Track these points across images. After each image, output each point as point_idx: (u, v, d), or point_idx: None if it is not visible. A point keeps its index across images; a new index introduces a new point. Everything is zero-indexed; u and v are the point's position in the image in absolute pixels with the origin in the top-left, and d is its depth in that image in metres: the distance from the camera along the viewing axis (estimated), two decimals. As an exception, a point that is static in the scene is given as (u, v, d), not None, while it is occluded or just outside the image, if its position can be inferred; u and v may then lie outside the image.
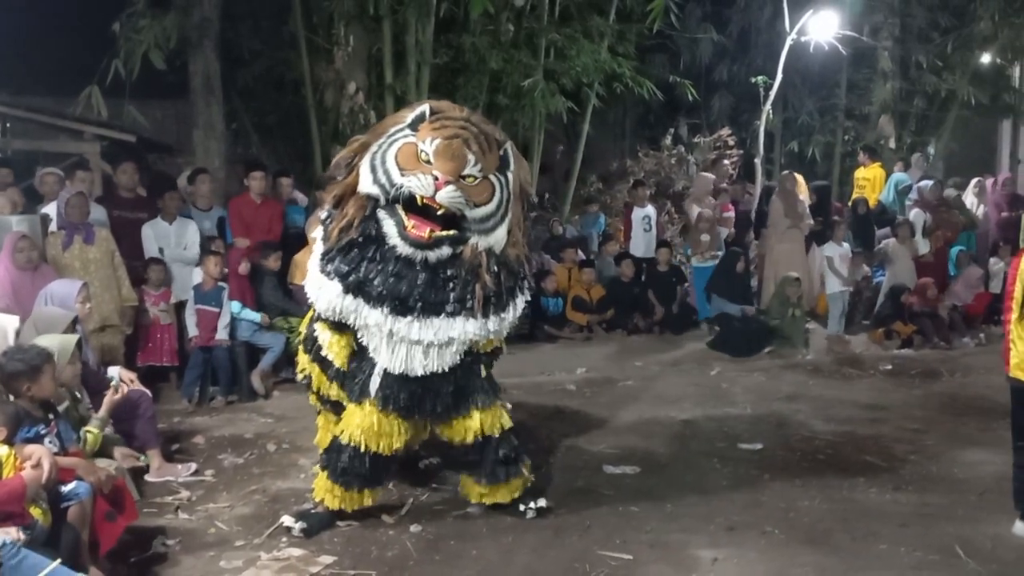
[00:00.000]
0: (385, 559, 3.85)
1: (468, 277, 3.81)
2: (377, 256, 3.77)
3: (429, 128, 3.77)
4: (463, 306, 3.81)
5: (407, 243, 3.71)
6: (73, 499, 3.25)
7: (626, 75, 10.87)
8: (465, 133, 3.75)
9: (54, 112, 9.04)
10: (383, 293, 3.74)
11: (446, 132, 3.73)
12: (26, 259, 5.42)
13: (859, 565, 3.77)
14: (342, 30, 9.24)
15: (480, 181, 3.78)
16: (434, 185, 3.63)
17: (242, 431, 5.84)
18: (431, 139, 3.71)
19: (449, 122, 3.81)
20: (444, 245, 3.75)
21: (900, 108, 13.87)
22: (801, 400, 6.63)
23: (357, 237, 3.77)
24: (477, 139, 3.77)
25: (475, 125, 3.84)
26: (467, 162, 3.71)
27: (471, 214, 3.76)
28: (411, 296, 3.75)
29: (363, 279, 3.76)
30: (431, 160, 3.69)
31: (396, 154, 3.76)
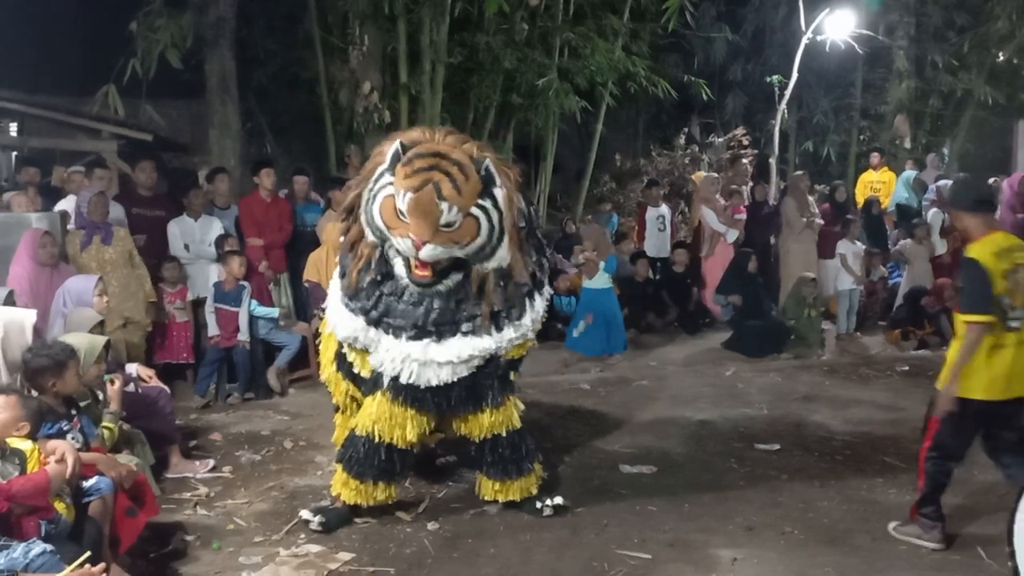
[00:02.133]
0: (403, 556, 3.85)
1: (477, 298, 3.90)
2: (394, 290, 3.92)
3: (401, 175, 3.67)
4: (475, 324, 3.92)
5: (415, 283, 3.83)
6: (95, 494, 3.26)
7: (640, 74, 10.87)
8: (436, 175, 3.62)
9: (71, 111, 9.11)
10: (402, 323, 3.89)
11: (416, 181, 3.62)
12: (49, 255, 5.45)
13: (880, 566, 3.75)
14: (357, 30, 9.28)
15: (461, 222, 3.68)
16: (414, 246, 3.64)
17: (259, 428, 5.86)
18: (403, 193, 3.64)
19: (420, 162, 3.66)
20: (451, 274, 3.83)
21: (915, 108, 13.80)
22: (818, 401, 6.60)
23: (375, 276, 3.92)
24: (450, 176, 3.64)
25: (447, 157, 3.68)
26: (440, 213, 3.61)
27: (463, 253, 3.77)
28: (428, 322, 3.88)
29: (383, 312, 3.93)
30: (405, 217, 3.66)
31: (380, 211, 3.76)
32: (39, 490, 2.89)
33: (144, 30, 7.92)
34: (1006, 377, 3.74)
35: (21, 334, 3.80)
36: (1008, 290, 3.71)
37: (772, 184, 12.26)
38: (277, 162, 9.47)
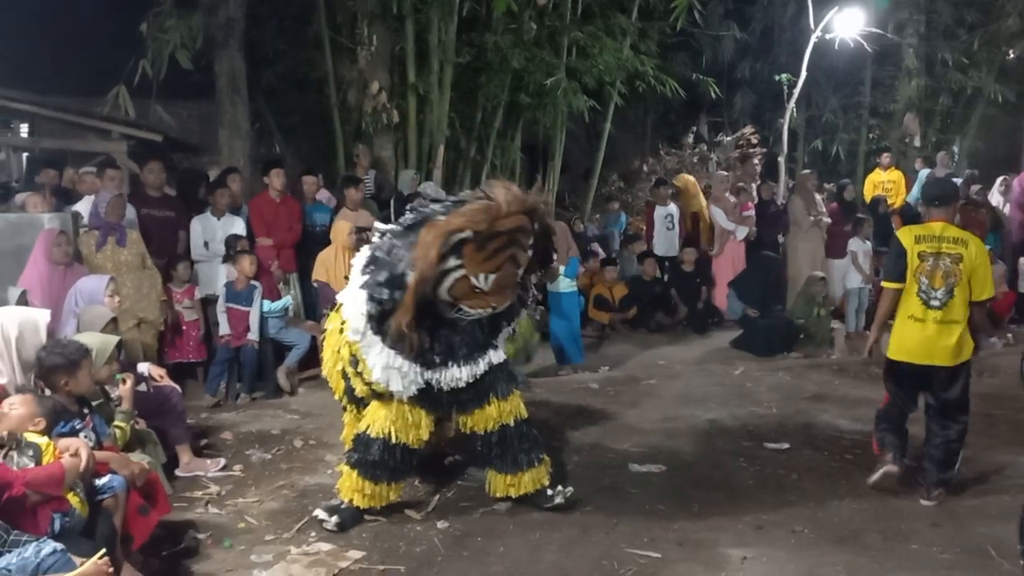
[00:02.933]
0: (413, 555, 3.86)
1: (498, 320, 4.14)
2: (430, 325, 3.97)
3: (478, 260, 3.71)
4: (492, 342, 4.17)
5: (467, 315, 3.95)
6: (108, 492, 3.28)
7: (648, 73, 10.86)
8: (514, 250, 3.79)
9: (82, 112, 9.14)
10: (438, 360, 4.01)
11: (495, 263, 3.74)
12: (63, 254, 5.48)
13: (890, 565, 3.74)
14: (365, 30, 9.28)
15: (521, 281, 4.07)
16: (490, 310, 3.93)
17: (269, 427, 5.89)
18: (484, 276, 3.76)
19: (496, 244, 3.71)
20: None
21: (925, 106, 13.73)
22: (827, 400, 6.59)
23: (429, 322, 3.94)
24: (522, 246, 3.83)
25: (517, 229, 3.74)
26: (517, 280, 3.96)
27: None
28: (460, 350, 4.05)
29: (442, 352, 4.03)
30: (486, 291, 3.81)
31: (450, 290, 3.81)
32: (54, 480, 2.92)
33: (154, 31, 7.94)
34: (928, 346, 4.41)
35: (35, 333, 3.82)
36: (927, 272, 4.39)
37: (781, 183, 12.24)
38: (286, 162, 9.50)
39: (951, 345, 4.39)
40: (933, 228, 4.48)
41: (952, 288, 4.38)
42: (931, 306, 4.39)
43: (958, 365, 4.46)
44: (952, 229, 4.47)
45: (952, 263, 4.38)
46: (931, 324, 4.40)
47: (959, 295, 4.39)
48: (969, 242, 4.42)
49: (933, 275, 4.39)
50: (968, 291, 4.40)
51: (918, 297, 4.43)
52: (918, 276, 4.42)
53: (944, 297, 4.38)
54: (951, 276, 4.37)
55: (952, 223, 4.51)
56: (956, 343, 4.40)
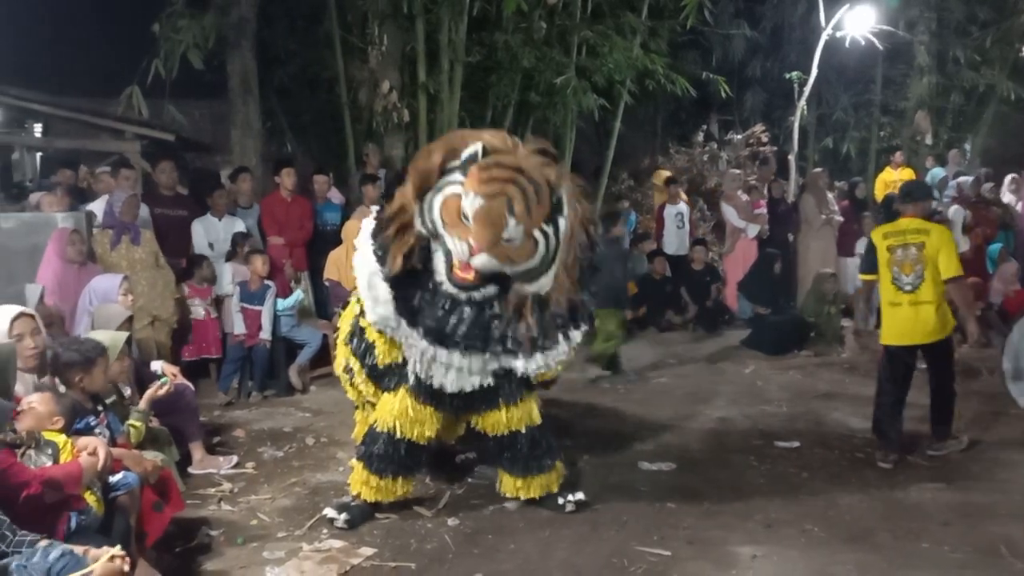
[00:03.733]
0: (424, 552, 3.89)
1: (512, 317, 3.83)
2: (430, 287, 3.79)
3: (476, 179, 3.58)
4: (506, 345, 3.84)
5: (452, 283, 3.73)
6: (122, 489, 3.31)
7: (658, 72, 10.83)
8: (511, 189, 3.55)
9: (95, 112, 9.20)
10: (431, 325, 3.78)
11: (490, 189, 3.54)
12: (77, 252, 5.53)
13: (901, 563, 3.74)
14: (376, 29, 9.31)
15: (521, 241, 3.63)
16: (469, 252, 3.58)
17: (281, 425, 5.92)
18: (473, 196, 3.55)
19: (498, 172, 3.58)
20: (489, 285, 3.76)
21: (937, 104, 13.66)
22: (838, 398, 6.58)
23: (417, 265, 3.79)
24: (524, 194, 3.56)
25: (528, 174, 3.60)
26: (505, 227, 3.56)
27: (511, 271, 3.72)
28: (456, 332, 3.78)
29: (416, 308, 3.79)
30: (469, 223, 3.58)
31: (441, 206, 3.67)
32: (72, 478, 2.95)
33: (167, 31, 7.99)
34: (909, 326, 5.03)
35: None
36: (896, 262, 5.03)
37: (791, 181, 12.21)
38: (297, 161, 9.54)
39: (927, 322, 4.98)
40: (899, 224, 5.16)
41: (921, 273, 4.98)
42: (904, 291, 5.02)
43: (940, 343, 5.04)
44: (916, 222, 5.08)
45: (917, 251, 4.98)
46: (906, 307, 5.02)
47: (928, 278, 4.97)
48: (931, 231, 5.02)
49: (902, 264, 5.02)
50: (937, 273, 4.97)
51: (893, 285, 5.07)
52: (891, 267, 5.06)
53: (915, 281, 4.99)
54: (918, 263, 4.98)
55: (921, 217, 5.13)
56: (933, 320, 4.98)
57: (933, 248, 4.97)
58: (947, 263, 4.97)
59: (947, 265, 4.97)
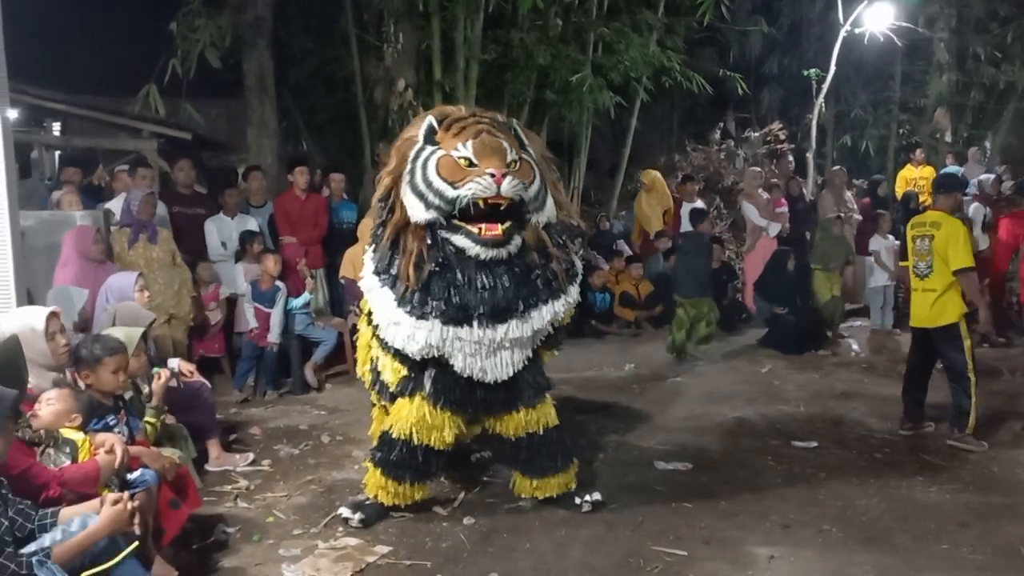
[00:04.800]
0: (440, 550, 3.88)
1: (543, 260, 3.85)
2: (462, 277, 3.73)
3: (451, 136, 3.78)
4: (551, 290, 3.86)
5: (488, 246, 3.68)
6: (140, 486, 3.32)
7: (675, 69, 10.80)
8: (484, 126, 3.80)
9: (113, 110, 9.27)
10: (482, 311, 3.72)
11: (470, 132, 3.75)
12: (99, 251, 5.57)
13: (920, 565, 3.70)
14: (392, 27, 9.32)
15: (521, 163, 3.79)
16: (495, 182, 3.60)
17: (297, 423, 5.94)
18: (463, 144, 3.70)
19: (465, 122, 3.83)
20: (515, 233, 3.77)
21: (956, 101, 13.54)
22: (856, 398, 6.53)
23: (434, 267, 3.72)
24: (497, 128, 3.85)
25: (484, 117, 3.92)
26: (506, 150, 3.73)
27: (527, 195, 3.76)
28: (510, 301, 3.75)
29: (462, 304, 3.71)
30: (475, 162, 3.65)
31: (437, 171, 3.69)
32: (90, 478, 2.97)
33: (184, 30, 8.03)
34: (917, 310, 5.48)
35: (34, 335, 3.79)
36: (916, 251, 5.45)
37: (809, 179, 12.13)
38: (313, 160, 9.57)
39: (932, 308, 5.34)
40: (925, 216, 5.60)
41: (930, 263, 5.36)
42: (919, 278, 5.45)
43: (943, 328, 5.32)
44: (936, 215, 5.45)
45: (929, 242, 5.35)
46: (919, 292, 5.46)
47: (936, 268, 5.33)
48: (943, 224, 5.32)
49: (920, 254, 5.44)
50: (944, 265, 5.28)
51: (913, 272, 5.51)
52: (913, 255, 5.50)
53: (926, 270, 5.40)
54: (928, 254, 5.37)
55: (946, 210, 5.46)
56: (936, 307, 5.32)
57: (941, 241, 5.28)
58: (954, 255, 5.24)
59: (954, 256, 5.24)
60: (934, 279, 5.34)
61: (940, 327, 5.34)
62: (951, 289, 5.29)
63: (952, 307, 5.29)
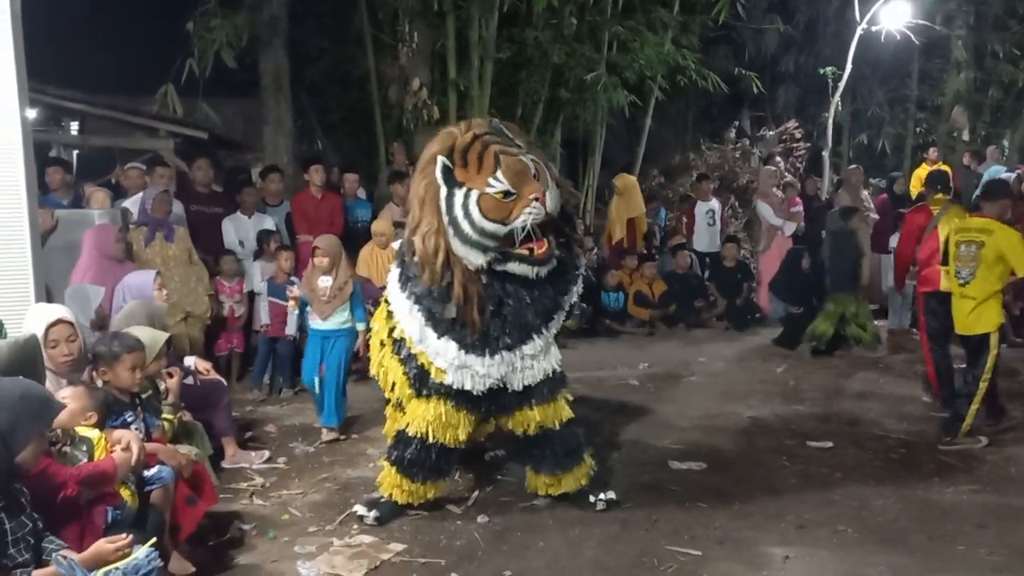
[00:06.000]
0: (454, 548, 3.89)
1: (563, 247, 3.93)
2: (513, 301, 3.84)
3: (473, 172, 3.70)
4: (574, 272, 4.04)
5: (545, 264, 3.78)
6: (157, 483, 3.35)
7: (690, 68, 10.77)
8: (494, 148, 3.72)
9: (130, 110, 9.33)
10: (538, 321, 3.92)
11: (490, 163, 3.68)
12: (120, 250, 5.62)
13: (936, 566, 3.68)
14: (406, 26, 9.36)
15: (537, 169, 3.77)
16: (541, 204, 3.65)
17: (312, 420, 5.95)
18: (492, 180, 3.66)
19: (473, 153, 3.73)
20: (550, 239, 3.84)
21: (974, 99, 13.44)
22: (872, 398, 6.49)
23: (492, 306, 3.81)
24: (501, 143, 3.77)
25: (480, 135, 3.79)
26: (529, 165, 3.72)
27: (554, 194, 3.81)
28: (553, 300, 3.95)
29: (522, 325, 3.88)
30: (514, 191, 3.64)
31: (485, 215, 3.65)
32: (106, 476, 2.99)
33: (200, 30, 8.08)
34: (958, 316, 5.40)
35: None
36: (960, 256, 5.34)
37: (825, 178, 12.07)
38: (328, 159, 9.60)
39: (968, 316, 5.30)
40: (971, 221, 5.50)
41: (974, 270, 5.25)
42: (961, 284, 5.34)
43: (979, 336, 5.29)
44: (983, 221, 5.37)
45: (976, 249, 5.24)
46: (958, 298, 5.37)
47: (978, 276, 5.23)
48: (995, 232, 5.23)
49: (964, 259, 5.33)
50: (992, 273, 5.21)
51: (955, 276, 5.38)
52: (955, 260, 5.37)
53: (967, 276, 5.29)
54: (973, 260, 5.27)
55: (995, 217, 5.37)
56: (972, 315, 5.28)
57: (992, 249, 5.19)
58: (1019, 262, 5.16)
59: (1019, 263, 5.16)
60: (974, 287, 5.26)
61: (975, 335, 5.32)
62: (991, 299, 5.25)
63: (988, 316, 5.26)
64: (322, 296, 5.43)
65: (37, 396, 2.65)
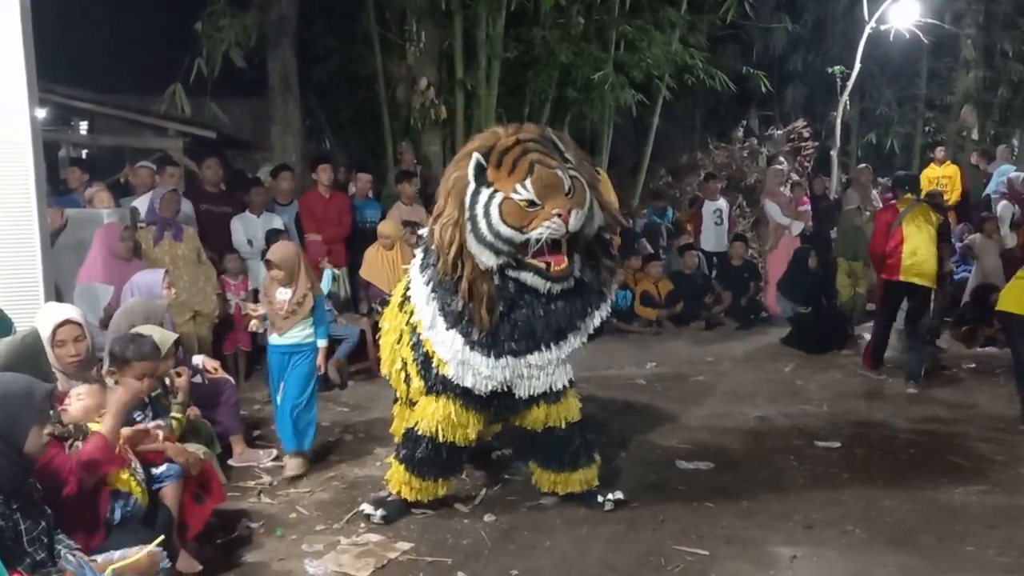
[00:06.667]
0: (460, 547, 3.90)
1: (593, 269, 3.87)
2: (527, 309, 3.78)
3: (504, 175, 3.62)
4: (601, 295, 3.95)
5: (560, 281, 3.71)
6: (165, 481, 3.37)
7: (697, 67, 10.75)
8: (533, 155, 3.63)
9: (139, 109, 9.38)
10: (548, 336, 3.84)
11: (523, 169, 3.59)
12: (126, 249, 5.64)
13: (945, 567, 3.66)
14: (414, 26, 9.38)
15: (575, 187, 3.65)
16: (563, 221, 3.55)
17: (319, 419, 5.91)
18: (520, 185, 3.57)
19: (510, 156, 3.64)
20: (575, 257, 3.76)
21: (983, 98, 13.40)
22: (880, 398, 6.47)
23: (504, 309, 3.76)
24: (542, 152, 3.67)
25: (525, 140, 3.71)
26: (563, 181, 3.60)
27: (585, 218, 3.69)
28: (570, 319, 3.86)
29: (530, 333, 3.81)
30: (539, 202, 3.56)
31: (503, 219, 3.58)
32: (102, 450, 2.95)
33: (209, 29, 8.11)
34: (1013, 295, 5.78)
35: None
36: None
37: (833, 177, 12.04)
38: (336, 158, 9.63)
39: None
40: None
41: None
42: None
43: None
44: None
45: None
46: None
47: None
48: None
49: None
50: None
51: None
52: None
53: None
54: None
55: None
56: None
57: None
58: None
59: None
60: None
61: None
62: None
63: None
64: (279, 310, 4.88)
65: (18, 385, 2.63)
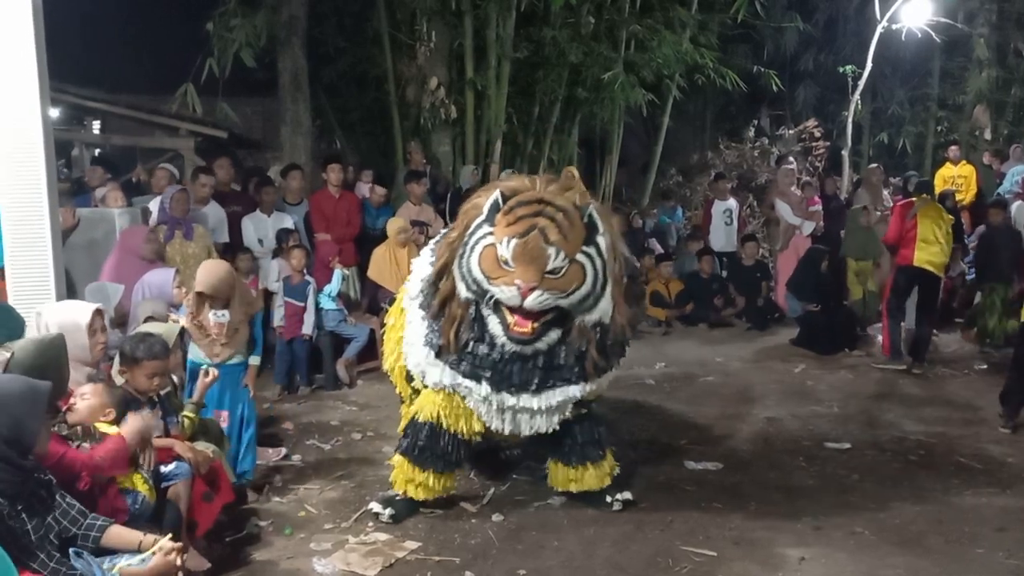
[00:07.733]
0: (468, 546, 3.90)
1: (579, 350, 3.84)
2: (491, 347, 3.82)
3: (503, 224, 3.63)
4: (572, 377, 3.89)
5: (513, 341, 3.73)
6: (174, 479, 3.39)
7: (708, 66, 10.72)
8: (541, 221, 3.58)
9: (151, 109, 9.43)
10: (499, 380, 3.85)
11: (520, 227, 3.58)
12: (151, 251, 5.68)
13: (954, 569, 3.65)
14: (424, 26, 9.39)
15: (567, 268, 3.61)
16: (519, 295, 3.54)
17: (328, 418, 5.99)
18: (507, 240, 3.58)
19: (523, 210, 3.63)
20: (551, 330, 3.76)
21: (996, 97, 13.30)
22: (891, 399, 6.44)
23: (471, 336, 3.82)
24: (555, 223, 3.59)
25: (551, 203, 3.65)
26: (548, 258, 3.55)
27: (567, 303, 3.68)
28: (528, 380, 3.85)
29: (476, 362, 3.86)
30: (511, 265, 3.58)
31: (479, 261, 3.66)
32: (119, 455, 2.99)
33: (220, 30, 8.15)
34: None
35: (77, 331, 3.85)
36: None
37: (845, 177, 11.99)
38: (346, 158, 9.65)
39: None
40: None
41: None
42: None
43: None
44: None
45: None
46: None
47: None
48: None
49: None
50: None
51: None
52: None
53: None
54: None
55: None
56: None
57: None
58: None
59: None
60: None
61: None
62: None
63: None
64: (215, 332, 4.47)
65: (21, 387, 2.64)
